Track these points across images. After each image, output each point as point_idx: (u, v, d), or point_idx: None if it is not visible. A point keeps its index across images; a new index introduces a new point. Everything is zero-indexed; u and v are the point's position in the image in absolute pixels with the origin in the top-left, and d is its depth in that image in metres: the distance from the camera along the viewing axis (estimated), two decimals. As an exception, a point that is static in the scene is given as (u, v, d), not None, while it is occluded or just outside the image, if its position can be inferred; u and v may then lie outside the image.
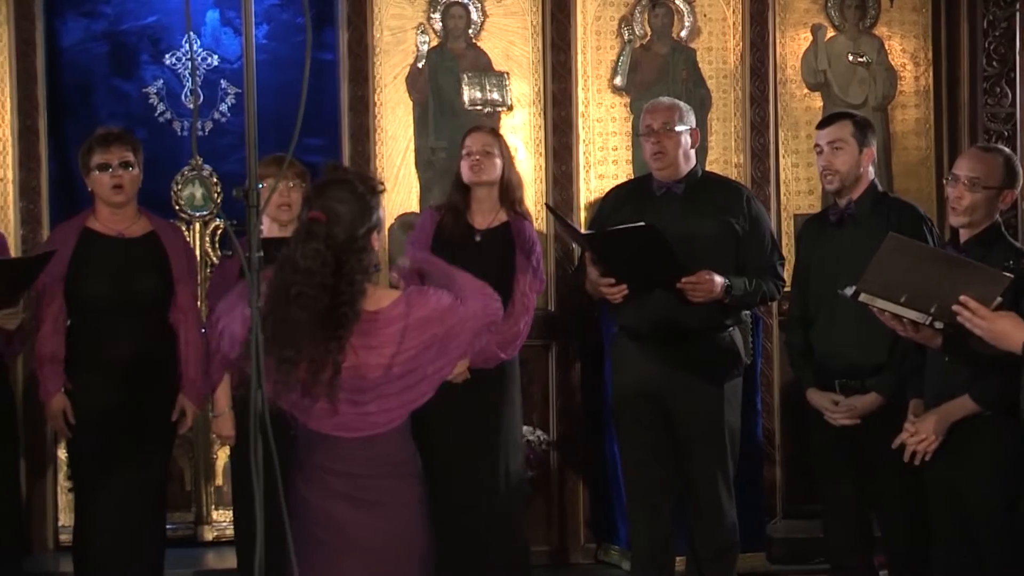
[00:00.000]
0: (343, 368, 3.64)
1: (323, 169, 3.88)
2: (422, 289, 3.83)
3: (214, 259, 6.94)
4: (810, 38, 7.21)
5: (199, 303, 5.85)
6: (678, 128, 5.51)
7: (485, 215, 5.79)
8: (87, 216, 5.49)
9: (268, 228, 5.42)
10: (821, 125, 5.41)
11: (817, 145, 5.35)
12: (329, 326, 3.62)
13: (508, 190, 5.80)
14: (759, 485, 6.69)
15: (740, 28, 7.12)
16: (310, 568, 3.72)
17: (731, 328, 5.54)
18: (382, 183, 3.90)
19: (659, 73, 7.10)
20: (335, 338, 3.63)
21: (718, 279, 5.33)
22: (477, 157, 5.74)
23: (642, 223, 5.22)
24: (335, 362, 3.63)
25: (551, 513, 6.94)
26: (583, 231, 5.86)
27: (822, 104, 7.17)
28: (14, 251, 6.33)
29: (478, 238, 5.76)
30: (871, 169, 5.34)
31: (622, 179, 6.71)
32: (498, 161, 5.77)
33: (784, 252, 6.19)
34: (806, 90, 7.21)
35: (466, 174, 5.77)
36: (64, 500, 6.67)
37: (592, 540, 6.99)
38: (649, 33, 7.09)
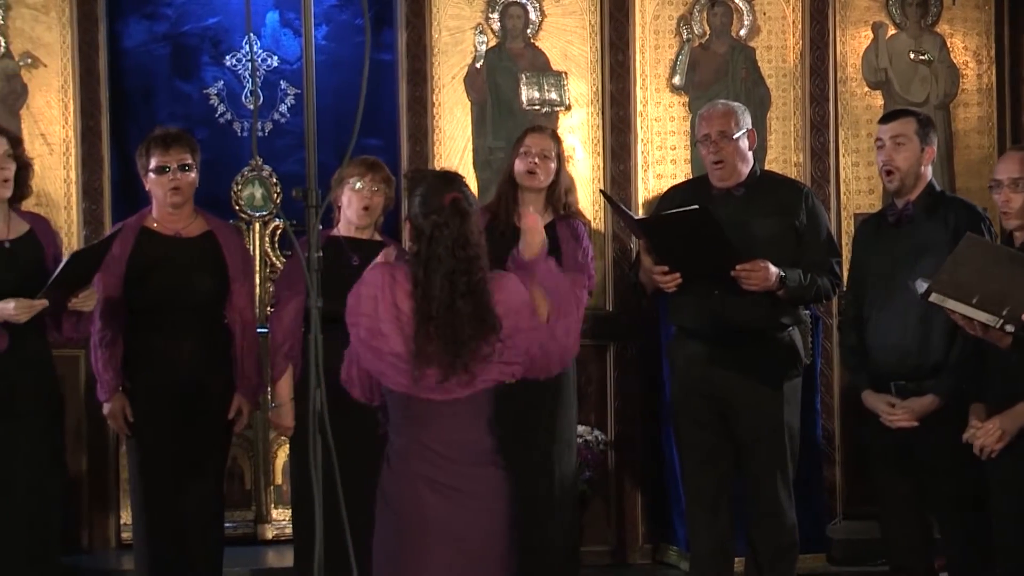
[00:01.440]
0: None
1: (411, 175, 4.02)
2: (505, 275, 3.90)
3: (273, 259, 6.97)
4: (871, 36, 7.16)
5: (255, 302, 5.87)
6: (736, 135, 5.48)
7: None
8: (145, 215, 5.52)
9: (345, 228, 5.45)
10: (884, 120, 5.36)
11: (879, 139, 5.31)
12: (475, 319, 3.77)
13: (558, 194, 5.77)
14: (819, 486, 6.66)
15: (800, 26, 7.08)
16: (397, 560, 3.76)
17: (790, 328, 5.50)
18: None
19: (718, 72, 7.07)
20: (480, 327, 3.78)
21: (773, 268, 5.29)
22: (535, 160, 5.71)
23: (695, 206, 5.19)
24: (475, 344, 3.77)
25: (609, 513, 6.94)
26: (637, 216, 5.82)
27: (883, 102, 7.12)
28: (76, 247, 6.39)
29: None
30: (929, 169, 5.30)
31: (680, 179, 6.69)
32: (553, 165, 5.75)
33: (844, 251, 6.14)
34: (866, 88, 7.17)
35: (520, 174, 5.74)
36: (126, 499, 6.72)
37: (650, 540, 6.97)
38: (708, 32, 7.07)
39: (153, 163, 5.41)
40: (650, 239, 5.40)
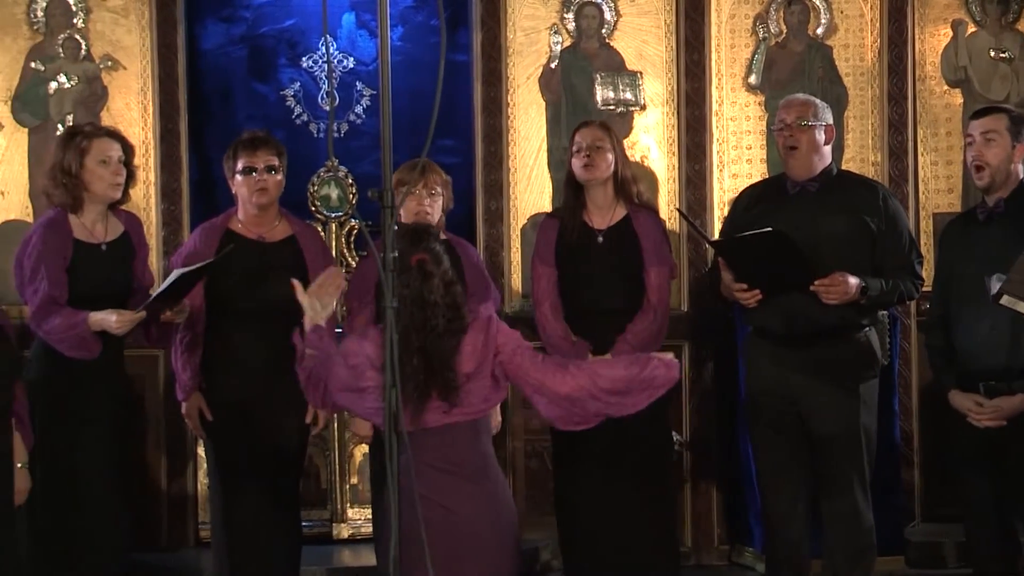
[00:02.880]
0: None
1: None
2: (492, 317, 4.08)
3: (349, 259, 7.01)
4: (950, 34, 7.08)
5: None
6: (812, 123, 5.45)
7: (603, 213, 5.73)
8: (229, 217, 5.57)
9: None
10: (975, 116, 5.31)
11: (969, 135, 5.25)
12: (448, 352, 3.94)
13: (624, 184, 5.72)
14: (896, 488, 6.59)
15: (878, 24, 7.02)
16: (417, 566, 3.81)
17: (867, 328, 5.46)
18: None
19: (794, 71, 7.03)
20: (449, 359, 3.93)
21: (852, 280, 5.25)
22: (587, 153, 5.66)
23: (769, 228, 5.17)
24: (449, 381, 3.94)
25: (684, 514, 6.90)
26: (713, 238, 5.80)
27: (962, 101, 7.04)
28: (154, 248, 6.47)
29: (600, 238, 5.71)
30: (1021, 166, 5.23)
31: (756, 178, 6.65)
32: (610, 155, 5.68)
33: (923, 251, 6.08)
34: (946, 87, 7.09)
35: (577, 171, 5.70)
36: (204, 497, 6.79)
37: (726, 542, 6.94)
38: (784, 31, 7.03)
39: (240, 165, 5.46)
40: (727, 259, 5.39)
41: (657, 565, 5.74)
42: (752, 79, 7.00)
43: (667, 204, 6.90)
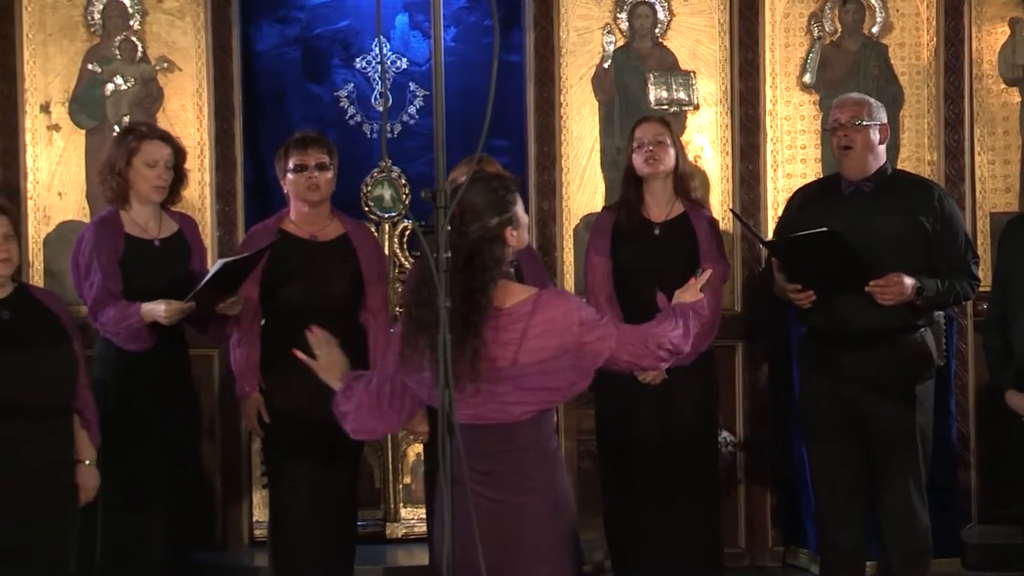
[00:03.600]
0: (481, 358, 3.70)
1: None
2: (560, 293, 3.86)
3: (402, 259, 7.02)
4: (1007, 32, 7.02)
5: (390, 304, 5.93)
6: (866, 123, 5.42)
7: (661, 207, 5.74)
8: (282, 218, 5.61)
9: None
10: None
11: None
12: (464, 312, 3.66)
13: (683, 179, 5.74)
14: (953, 489, 6.55)
15: (934, 23, 6.97)
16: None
17: (923, 329, 5.42)
18: (517, 182, 3.94)
19: (850, 70, 6.99)
20: (471, 324, 3.67)
21: (908, 281, 5.22)
22: (650, 148, 5.68)
23: (824, 228, 5.15)
24: (473, 347, 3.67)
25: (738, 515, 6.88)
26: (767, 238, 5.79)
27: (1020, 99, 6.98)
28: (209, 248, 6.50)
29: (657, 231, 5.72)
30: None
31: (811, 178, 6.62)
32: (671, 150, 5.71)
33: (979, 251, 6.03)
34: (1003, 85, 7.02)
35: (640, 166, 5.72)
36: (259, 496, 6.82)
37: (780, 543, 6.91)
38: (839, 29, 6.98)
39: (292, 163, 5.50)
40: (781, 260, 5.38)
41: (701, 565, 5.72)
42: (807, 78, 6.97)
43: (720, 204, 6.88)
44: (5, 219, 4.75)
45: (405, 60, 7.38)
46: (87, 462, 4.87)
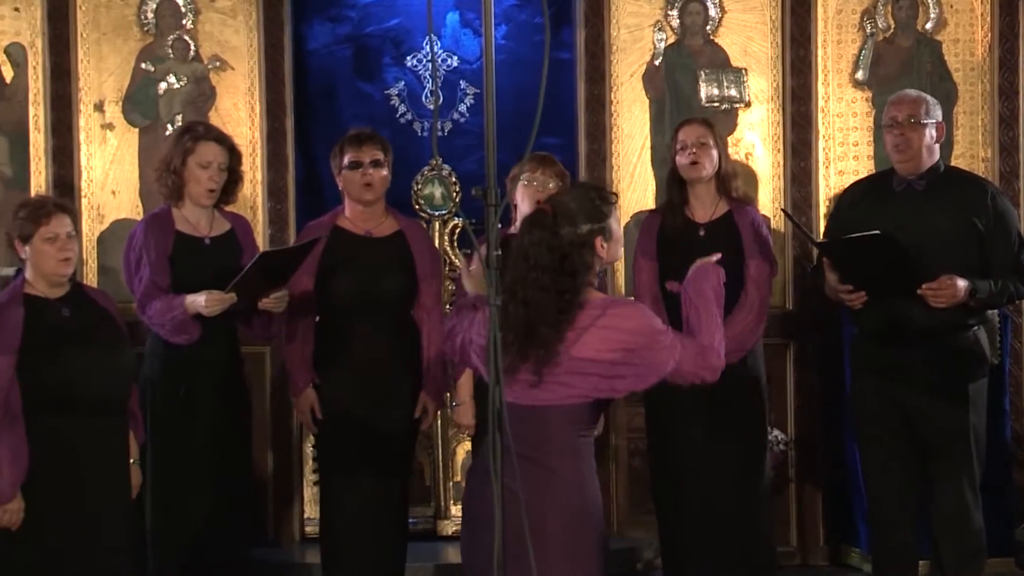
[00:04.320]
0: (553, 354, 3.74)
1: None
2: (632, 302, 3.88)
3: (452, 257, 7.03)
4: (1064, 27, 6.96)
5: (442, 301, 5.94)
6: (923, 121, 5.38)
7: (706, 208, 5.73)
8: (337, 214, 5.63)
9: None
10: None
11: None
12: (553, 312, 3.72)
13: (725, 180, 5.73)
14: (1007, 489, 6.50)
15: (988, 19, 6.91)
16: (476, 561, 3.77)
17: (976, 328, 5.38)
18: (615, 195, 3.96)
19: (903, 66, 6.94)
20: (554, 323, 3.72)
21: (961, 283, 5.18)
22: (694, 151, 5.67)
23: (876, 231, 5.12)
24: (550, 343, 3.72)
25: (789, 514, 6.86)
26: (819, 239, 5.76)
27: (1076, 95, 6.92)
28: (261, 246, 6.51)
29: (702, 232, 5.71)
30: None
31: (863, 175, 6.57)
32: (714, 152, 5.69)
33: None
34: (1059, 81, 6.96)
35: (684, 169, 5.70)
36: (309, 493, 6.85)
37: (831, 542, 6.88)
38: (892, 26, 6.94)
39: (346, 160, 5.53)
40: (833, 262, 5.35)
41: (752, 565, 5.70)
42: (859, 75, 6.93)
43: (771, 201, 6.85)
44: (68, 218, 4.79)
45: (456, 58, 7.40)
46: (132, 460, 4.91)
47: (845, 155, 6.93)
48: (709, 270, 3.96)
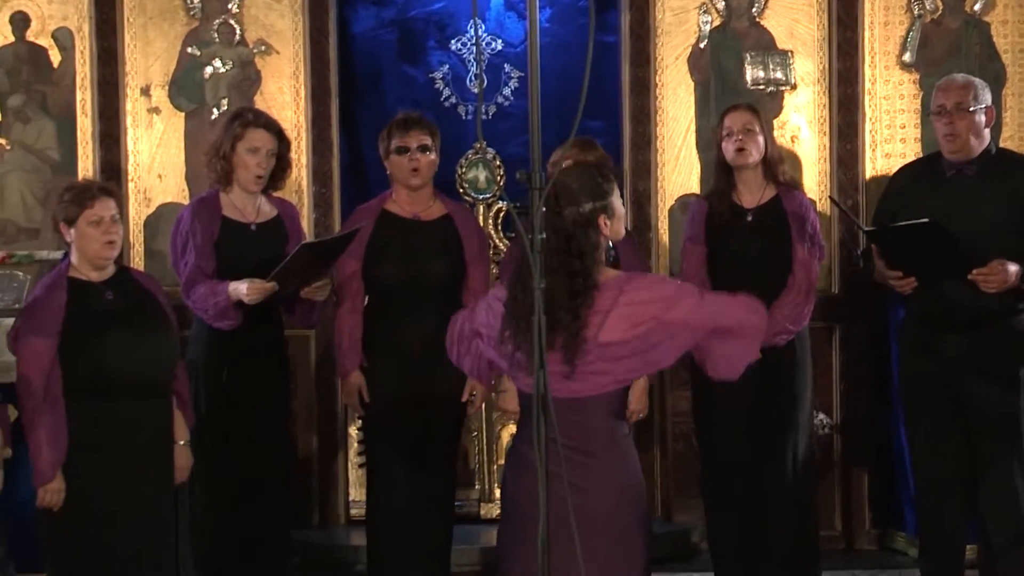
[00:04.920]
0: (576, 338, 3.68)
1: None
2: (645, 275, 3.85)
3: (496, 241, 7.04)
4: (1113, 6, 6.89)
5: (490, 285, 5.94)
6: (972, 108, 5.34)
7: (753, 193, 5.70)
8: (386, 198, 5.64)
9: None
10: None
11: None
12: (566, 295, 3.66)
13: (771, 165, 5.70)
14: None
15: (1038, -1, 6.85)
16: (516, 552, 3.76)
17: (1026, 312, 5.34)
18: (617, 172, 3.91)
19: (951, 48, 6.88)
20: (571, 307, 3.67)
21: (1012, 268, 5.14)
22: (740, 137, 5.63)
23: (925, 220, 5.09)
24: (571, 328, 3.67)
25: (835, 498, 6.84)
26: (866, 227, 5.73)
27: None
28: (307, 231, 6.55)
29: (749, 217, 5.68)
30: None
31: (910, 158, 6.53)
32: (760, 138, 5.66)
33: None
34: (1110, 62, 6.89)
35: (730, 156, 5.68)
36: (355, 475, 6.88)
37: (877, 526, 6.85)
38: (940, 7, 6.88)
39: (394, 144, 5.54)
40: (882, 249, 5.32)
41: (795, 549, 5.68)
42: (906, 57, 6.88)
43: (817, 185, 6.82)
44: (112, 202, 4.82)
45: (500, 41, 7.39)
46: (181, 442, 4.94)
47: (892, 138, 6.89)
48: None
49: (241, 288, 5.20)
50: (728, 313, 3.77)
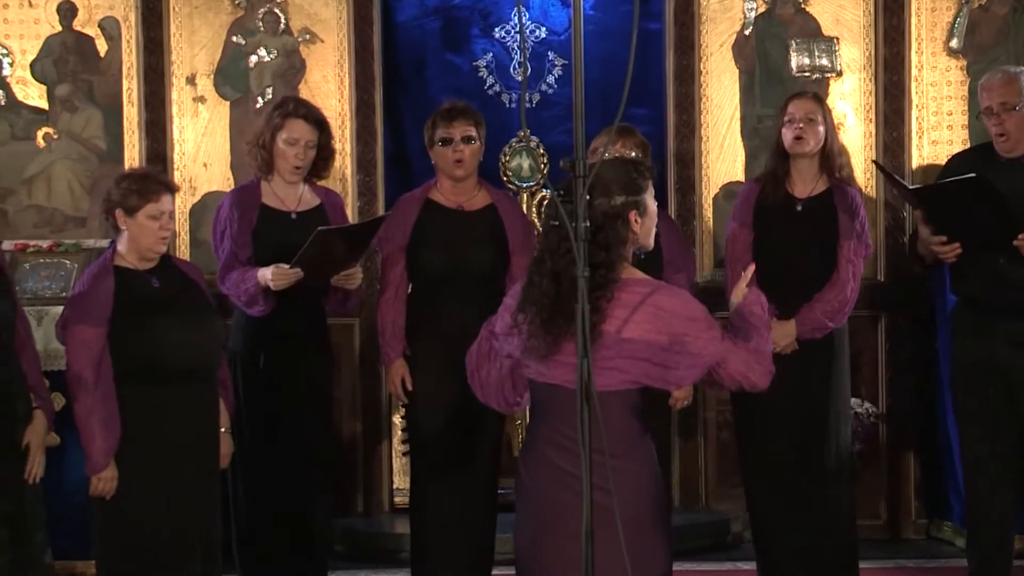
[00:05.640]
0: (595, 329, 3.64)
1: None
2: (674, 287, 3.84)
3: (540, 229, 7.03)
4: None
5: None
6: (1018, 105, 5.28)
7: (806, 183, 5.66)
8: (430, 188, 5.64)
9: None
10: None
11: None
12: (589, 284, 3.54)
13: (830, 158, 5.65)
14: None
15: (1089, -17, 6.79)
16: (532, 550, 3.75)
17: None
18: (652, 169, 3.89)
19: (999, 34, 6.83)
20: (591, 299, 3.57)
21: (1061, 234, 5.09)
22: (800, 125, 5.59)
23: (972, 175, 5.03)
24: (591, 319, 3.57)
25: (880, 487, 6.81)
26: (912, 186, 5.69)
27: None
28: (350, 219, 6.55)
29: (799, 207, 5.64)
30: None
31: (957, 145, 6.50)
32: (821, 129, 5.62)
33: None
34: None
35: (788, 143, 5.64)
36: (398, 464, 6.90)
37: (924, 515, 6.82)
38: (989, -8, 6.84)
39: (438, 135, 5.53)
40: (927, 209, 5.28)
41: (834, 540, 5.65)
42: (954, 43, 6.83)
43: (863, 172, 6.78)
44: (171, 197, 4.84)
45: (544, 29, 7.38)
46: (223, 429, 4.96)
47: (939, 124, 6.84)
48: (751, 298, 3.90)
49: (267, 274, 5.22)
50: (738, 363, 3.76)
